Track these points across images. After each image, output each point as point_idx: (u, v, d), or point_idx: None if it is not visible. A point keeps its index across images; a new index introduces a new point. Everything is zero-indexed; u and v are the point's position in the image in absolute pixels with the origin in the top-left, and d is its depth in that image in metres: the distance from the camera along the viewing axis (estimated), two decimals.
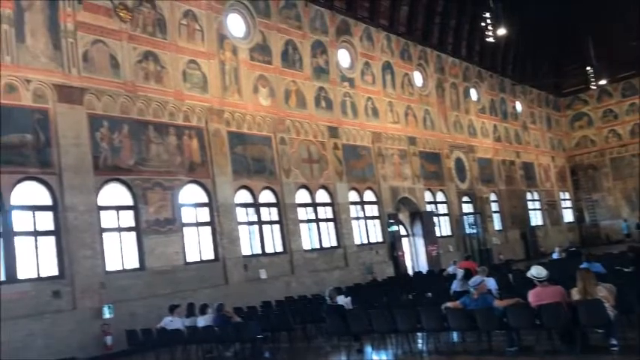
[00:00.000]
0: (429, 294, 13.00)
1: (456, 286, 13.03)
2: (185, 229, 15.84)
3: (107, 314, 13.09)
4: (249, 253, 17.57)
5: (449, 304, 8.91)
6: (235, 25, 18.76)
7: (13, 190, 12.51)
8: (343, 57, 23.17)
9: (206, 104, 16.98)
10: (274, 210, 18.77)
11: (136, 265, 14.55)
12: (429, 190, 26.49)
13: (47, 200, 13.14)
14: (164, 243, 15.11)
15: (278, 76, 19.69)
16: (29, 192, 12.91)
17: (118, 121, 14.70)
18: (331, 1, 22.51)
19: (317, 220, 20.38)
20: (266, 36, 19.55)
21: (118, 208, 14.53)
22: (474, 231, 27.85)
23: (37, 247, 12.74)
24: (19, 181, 12.64)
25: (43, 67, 13.41)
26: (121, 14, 15.19)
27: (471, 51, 31.79)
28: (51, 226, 13.09)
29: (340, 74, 22.60)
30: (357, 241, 21.63)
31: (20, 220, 12.61)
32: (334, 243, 20.78)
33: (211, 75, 17.36)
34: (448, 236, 27.08)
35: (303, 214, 19.77)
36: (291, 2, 20.72)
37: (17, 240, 12.43)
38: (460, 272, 13.61)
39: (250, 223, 18.00)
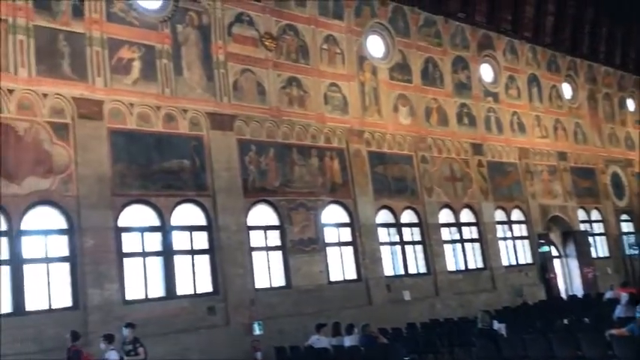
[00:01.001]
0: (587, 319, 12.10)
1: (620, 311, 12.02)
2: (328, 249, 16.09)
3: (257, 331, 13.57)
4: (392, 274, 17.45)
5: (614, 331, 8.23)
6: (375, 46, 18.93)
7: (173, 211, 13.43)
8: (486, 72, 22.52)
9: (346, 125, 17.24)
10: (416, 230, 18.51)
11: (283, 283, 14.99)
12: (583, 208, 24.81)
13: (202, 221, 13.96)
14: (308, 262, 15.45)
15: (418, 94, 19.54)
16: (187, 213, 13.79)
17: (265, 145, 15.35)
18: (472, 16, 22.04)
19: (462, 241, 19.81)
20: (405, 55, 19.52)
21: (266, 228, 15.10)
22: (636, 252, 25.60)
23: (193, 265, 13.56)
24: (178, 203, 13.55)
25: (198, 97, 14.36)
26: (267, 43, 15.92)
27: (625, 58, 29.56)
28: (206, 245, 13.88)
29: (483, 89, 21.97)
30: (505, 263, 20.71)
31: (179, 240, 13.50)
32: (480, 264, 20.06)
33: (351, 96, 17.62)
34: (605, 257, 25.14)
35: (446, 234, 19.32)
36: (430, 20, 20.55)
37: (176, 258, 13.30)
38: (624, 297, 12.55)
39: (392, 244, 17.89)
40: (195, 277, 13.52)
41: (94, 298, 11.76)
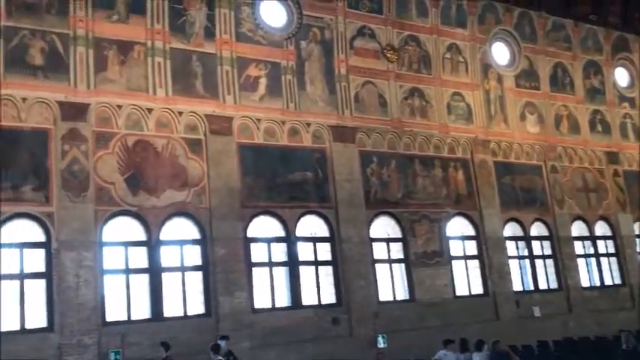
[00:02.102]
0: None
1: None
2: (453, 262, 15.72)
3: (381, 343, 13.49)
4: (521, 289, 16.73)
5: None
6: (499, 53, 18.35)
7: (298, 222, 13.72)
8: (621, 76, 21.09)
9: (471, 135, 16.82)
10: (547, 243, 17.64)
11: (407, 296, 14.82)
12: None
13: (325, 232, 14.15)
14: (432, 275, 15.17)
15: (547, 101, 18.68)
16: (310, 224, 14.05)
17: (386, 156, 15.32)
18: (604, 18, 20.76)
19: (596, 255, 18.62)
20: (532, 61, 18.75)
21: (388, 240, 15.03)
22: None
23: (317, 276, 13.75)
24: (302, 214, 13.83)
25: (321, 110, 14.63)
26: (388, 55, 15.93)
27: None
28: (329, 257, 14.04)
29: (618, 94, 20.59)
30: None
31: (303, 251, 13.76)
32: (618, 280, 18.75)
33: (476, 105, 17.17)
34: None
35: (579, 248, 18.24)
36: (558, 24, 19.59)
37: (301, 269, 13.57)
38: None
39: (521, 258, 17.17)
40: (319, 287, 13.70)
41: (225, 306, 12.24)
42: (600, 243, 18.78)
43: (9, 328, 10.41)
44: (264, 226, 13.50)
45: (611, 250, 18.89)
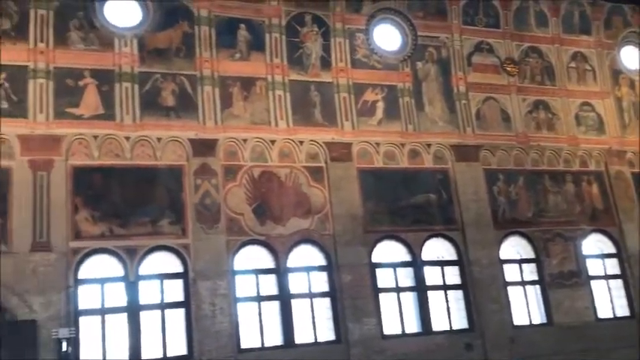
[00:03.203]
0: None
1: None
2: (593, 282, 14.72)
3: None
4: None
5: None
6: (630, 57, 17.17)
7: (423, 246, 13.48)
8: None
9: (604, 146, 15.81)
10: None
11: (543, 319, 14.03)
12: None
13: (453, 255, 13.78)
14: (571, 297, 14.28)
15: None
16: (436, 248, 13.75)
17: (513, 173, 14.74)
18: None
19: None
20: None
21: (520, 261, 14.37)
22: None
23: (447, 301, 13.37)
24: (427, 237, 13.57)
25: (441, 130, 14.38)
26: (509, 69, 15.42)
27: None
28: (458, 280, 13.63)
29: None
30: None
31: (431, 275, 13.47)
32: None
33: (607, 115, 16.16)
34: None
35: None
36: None
37: (430, 294, 13.27)
38: None
39: None
40: (449, 312, 13.31)
41: (355, 333, 12.20)
42: None
43: (152, 356, 11.01)
44: (388, 250, 13.38)
45: None
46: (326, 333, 12.33)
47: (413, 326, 13.05)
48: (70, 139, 11.31)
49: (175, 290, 11.55)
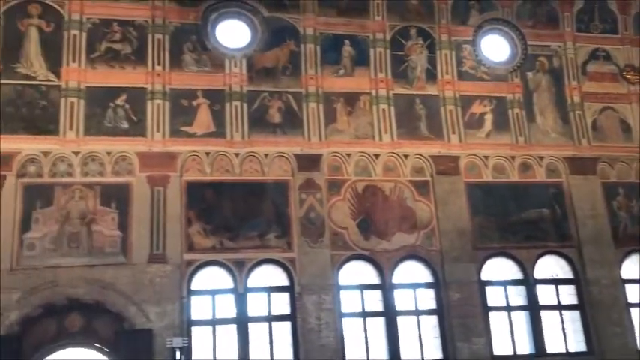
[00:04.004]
0: None
1: None
2: None
3: None
4: None
5: None
6: None
7: (536, 264, 12.86)
8: None
9: None
10: None
11: None
12: None
13: (568, 273, 13.05)
14: None
15: None
16: (549, 265, 13.08)
17: (635, 187, 13.78)
18: None
19: None
20: None
21: None
22: None
23: (562, 321, 12.65)
24: (540, 255, 12.95)
25: (553, 142, 13.74)
26: (628, 76, 14.50)
27: None
28: (574, 300, 12.88)
29: None
30: None
31: (544, 294, 12.81)
32: None
33: None
34: None
35: None
36: None
37: (543, 313, 12.62)
38: None
39: None
40: (565, 333, 12.58)
41: (463, 352, 11.81)
42: None
43: None
44: (498, 268, 12.89)
45: None
46: (433, 351, 12.04)
47: (525, 347, 12.45)
48: (185, 156, 11.89)
49: (282, 303, 11.74)
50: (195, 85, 12.35)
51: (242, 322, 11.39)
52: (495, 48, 14.35)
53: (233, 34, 13.01)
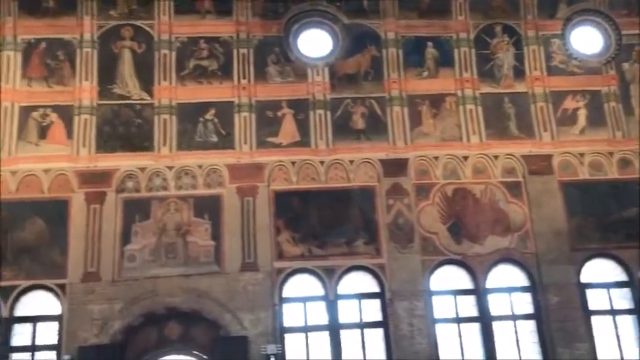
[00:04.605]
0: None
1: None
2: None
3: None
4: None
5: None
6: None
7: None
8: None
9: None
10: None
11: None
12: None
13: None
14: None
15: None
16: None
17: None
18: None
19: None
20: None
21: None
22: None
23: None
24: None
25: None
26: None
27: None
28: None
29: None
30: None
31: None
32: None
33: None
34: None
35: None
36: None
37: None
38: None
39: None
40: None
41: (564, 358, 11.30)
42: None
43: None
44: (600, 269, 12.25)
45: None
46: (532, 357, 11.59)
47: (633, 353, 11.74)
48: (272, 166, 12.10)
49: (373, 310, 11.68)
50: (280, 96, 12.56)
51: (334, 329, 11.42)
52: (587, 40, 13.71)
53: (315, 43, 13.14)
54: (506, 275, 12.10)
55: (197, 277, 11.30)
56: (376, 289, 11.75)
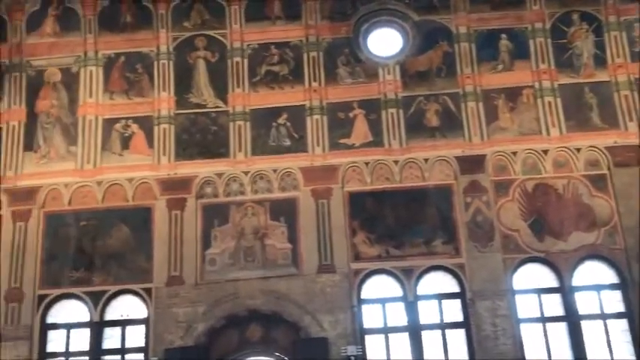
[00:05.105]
0: None
1: None
2: None
3: None
4: None
5: None
6: None
7: None
8: None
9: None
10: None
11: None
12: None
13: None
14: None
15: None
16: None
17: None
18: None
19: None
20: None
21: None
22: None
23: None
24: None
25: None
26: None
27: None
28: None
29: None
30: None
31: None
32: None
33: None
34: None
35: None
36: None
37: None
38: None
39: None
40: None
41: None
42: None
43: None
44: None
45: None
46: (624, 357, 11.04)
47: None
48: (345, 167, 12.09)
49: (454, 310, 11.47)
50: (351, 97, 12.54)
51: (414, 330, 11.28)
52: None
53: (385, 42, 13.03)
54: (593, 272, 11.60)
55: (276, 280, 11.44)
56: (456, 289, 11.54)
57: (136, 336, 11.40)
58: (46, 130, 12.41)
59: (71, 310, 11.55)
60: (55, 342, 11.38)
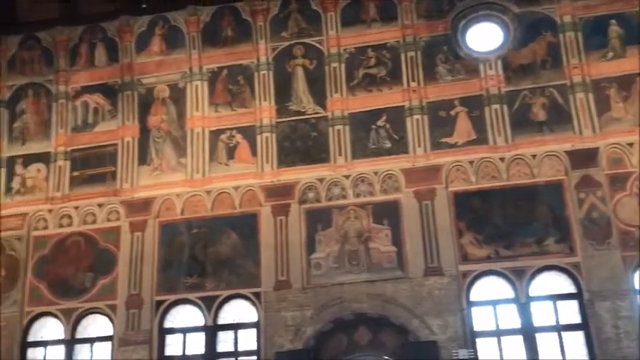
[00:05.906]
0: None
1: None
2: None
3: None
4: None
5: None
6: None
7: None
8: None
9: None
10: None
11: None
12: None
13: None
14: None
15: None
16: None
17: None
18: None
19: None
20: None
21: None
22: None
23: None
24: None
25: None
26: None
27: None
28: None
29: None
30: None
31: None
32: None
33: None
34: None
35: None
36: None
37: None
38: None
39: None
40: None
41: None
42: None
43: None
44: None
45: None
46: None
47: None
48: (448, 167, 11.86)
49: (571, 311, 10.95)
50: (452, 95, 12.28)
51: (528, 332, 10.86)
52: None
53: (484, 37, 12.66)
54: None
55: (382, 283, 11.37)
56: (572, 289, 11.00)
57: (248, 339, 11.71)
58: (157, 144, 13.06)
59: (186, 315, 12.05)
60: (173, 346, 11.92)
